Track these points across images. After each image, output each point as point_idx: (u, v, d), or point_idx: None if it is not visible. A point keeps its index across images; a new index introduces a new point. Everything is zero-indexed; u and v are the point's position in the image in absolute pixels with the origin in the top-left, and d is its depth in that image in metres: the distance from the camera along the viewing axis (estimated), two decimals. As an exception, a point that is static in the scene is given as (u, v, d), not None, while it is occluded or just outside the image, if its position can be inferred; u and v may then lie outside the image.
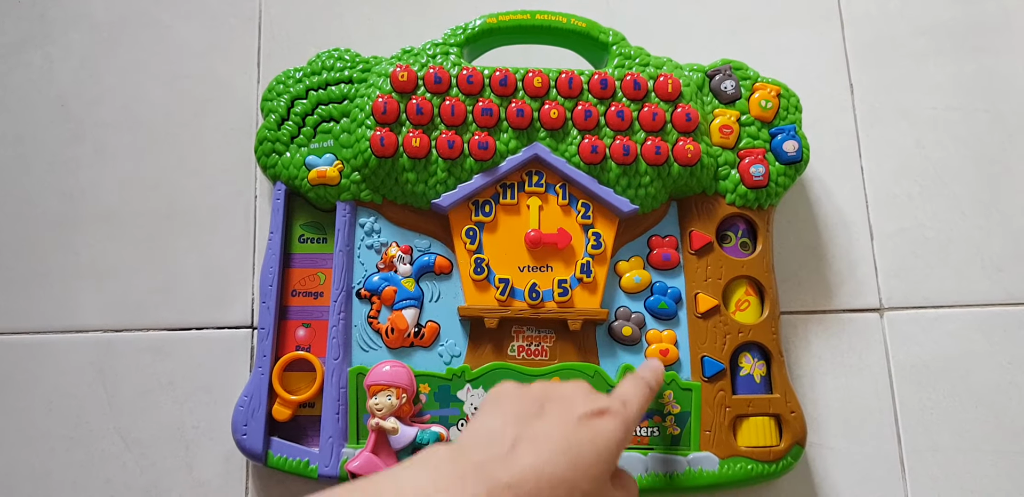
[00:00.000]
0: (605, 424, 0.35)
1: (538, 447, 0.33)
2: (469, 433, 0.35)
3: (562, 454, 0.33)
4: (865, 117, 0.56)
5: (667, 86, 0.49)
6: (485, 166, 0.48)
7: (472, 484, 0.31)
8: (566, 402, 0.36)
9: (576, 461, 0.33)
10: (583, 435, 0.34)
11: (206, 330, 0.50)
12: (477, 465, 0.32)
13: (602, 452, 0.34)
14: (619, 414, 0.36)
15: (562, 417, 0.35)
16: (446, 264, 0.48)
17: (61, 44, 0.56)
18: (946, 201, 0.55)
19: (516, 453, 0.32)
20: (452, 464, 0.32)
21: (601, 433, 0.34)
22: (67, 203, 0.53)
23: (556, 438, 0.33)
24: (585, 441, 0.34)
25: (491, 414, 0.36)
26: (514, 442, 0.33)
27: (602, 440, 0.34)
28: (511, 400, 0.36)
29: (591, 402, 0.36)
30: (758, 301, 0.49)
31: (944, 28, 0.59)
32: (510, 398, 0.36)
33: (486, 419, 0.35)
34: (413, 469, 0.32)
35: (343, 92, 0.50)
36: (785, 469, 0.45)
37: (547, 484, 0.32)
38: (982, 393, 0.51)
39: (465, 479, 0.31)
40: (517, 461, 0.32)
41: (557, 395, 0.36)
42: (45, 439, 0.48)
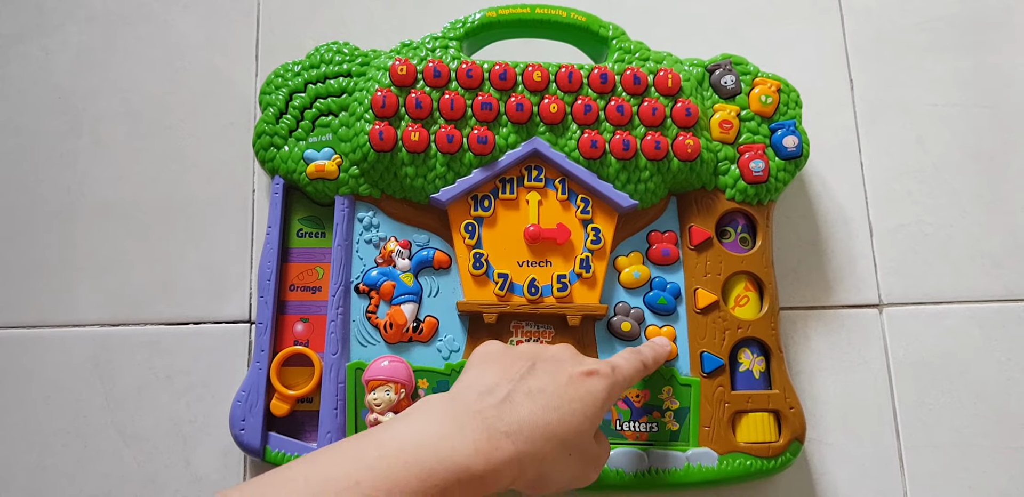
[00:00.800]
0: (593, 383, 0.36)
1: (533, 400, 0.34)
2: (463, 385, 0.36)
3: (553, 410, 0.34)
4: (865, 113, 0.56)
5: (667, 81, 0.48)
6: (484, 161, 0.47)
7: (472, 431, 0.32)
8: (556, 362, 0.37)
9: (565, 416, 0.34)
10: (572, 393, 0.35)
11: (204, 324, 0.50)
12: (475, 413, 0.33)
13: (588, 410, 0.35)
14: (607, 376, 0.37)
15: (553, 375, 0.36)
16: (445, 259, 0.48)
17: (58, 36, 0.56)
18: (946, 197, 0.55)
19: (512, 404, 0.34)
20: (451, 413, 0.33)
21: (590, 392, 0.36)
22: (65, 196, 0.52)
23: (548, 394, 0.35)
24: (575, 398, 0.35)
25: (483, 369, 0.37)
26: (508, 394, 0.34)
27: (590, 398, 0.36)
28: (501, 358, 0.38)
29: (580, 363, 0.37)
30: (757, 297, 0.49)
31: (944, 23, 0.58)
32: (499, 356, 0.38)
33: (478, 373, 0.37)
34: (412, 418, 0.33)
35: (342, 86, 0.49)
36: (784, 465, 0.45)
37: (540, 436, 0.33)
38: (981, 389, 0.51)
39: (464, 427, 0.32)
40: (513, 412, 0.33)
41: (547, 355, 0.38)
42: (43, 433, 0.48)
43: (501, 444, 0.32)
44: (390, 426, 0.33)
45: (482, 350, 0.39)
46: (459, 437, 0.32)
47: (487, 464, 0.31)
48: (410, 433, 0.32)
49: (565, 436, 0.34)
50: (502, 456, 0.32)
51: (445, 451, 0.31)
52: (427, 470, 0.30)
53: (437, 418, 0.33)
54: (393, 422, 0.33)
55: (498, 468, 0.32)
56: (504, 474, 0.32)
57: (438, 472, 0.30)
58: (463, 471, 0.31)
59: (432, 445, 0.31)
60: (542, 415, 0.34)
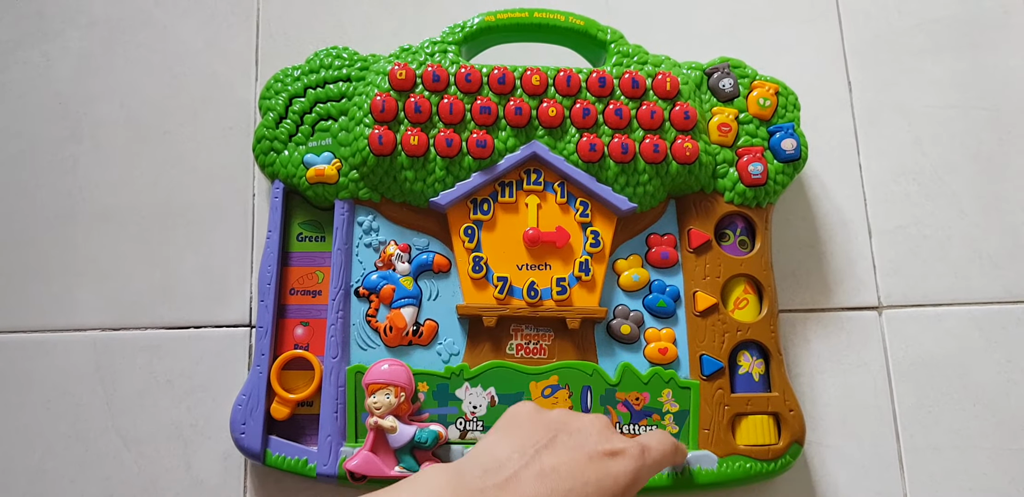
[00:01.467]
0: (616, 465, 0.33)
1: (542, 481, 0.32)
2: (473, 457, 0.34)
3: (566, 492, 0.32)
4: (863, 115, 0.56)
5: (665, 84, 0.48)
6: (483, 164, 0.48)
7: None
8: (580, 436, 0.34)
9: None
10: (590, 474, 0.33)
11: (204, 328, 0.50)
12: (476, 492, 0.31)
13: (606, 493, 0.32)
14: (635, 458, 0.34)
15: (572, 452, 0.33)
16: (444, 262, 0.48)
17: (59, 42, 0.56)
18: (944, 199, 0.55)
19: (517, 485, 0.31)
20: (451, 491, 0.31)
21: (610, 474, 0.33)
22: (65, 201, 0.53)
23: (562, 474, 0.32)
24: (591, 480, 0.32)
25: (500, 439, 0.35)
26: (516, 472, 0.32)
27: (610, 482, 0.33)
28: (524, 426, 0.35)
29: (606, 440, 0.35)
30: (757, 299, 0.49)
31: (942, 25, 0.58)
32: (523, 424, 0.35)
33: (494, 444, 0.34)
34: (414, 491, 0.32)
35: (341, 90, 0.49)
36: (784, 468, 0.45)
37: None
38: (980, 391, 0.51)
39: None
40: (518, 492, 0.31)
41: (573, 427, 0.35)
42: (43, 437, 0.48)
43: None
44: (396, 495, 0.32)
45: (511, 412, 0.37)
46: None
47: None
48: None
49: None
50: None
51: None
52: None
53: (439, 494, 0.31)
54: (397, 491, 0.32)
55: None
56: None
57: None
58: None
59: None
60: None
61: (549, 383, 0.46)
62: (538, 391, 0.46)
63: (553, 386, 0.46)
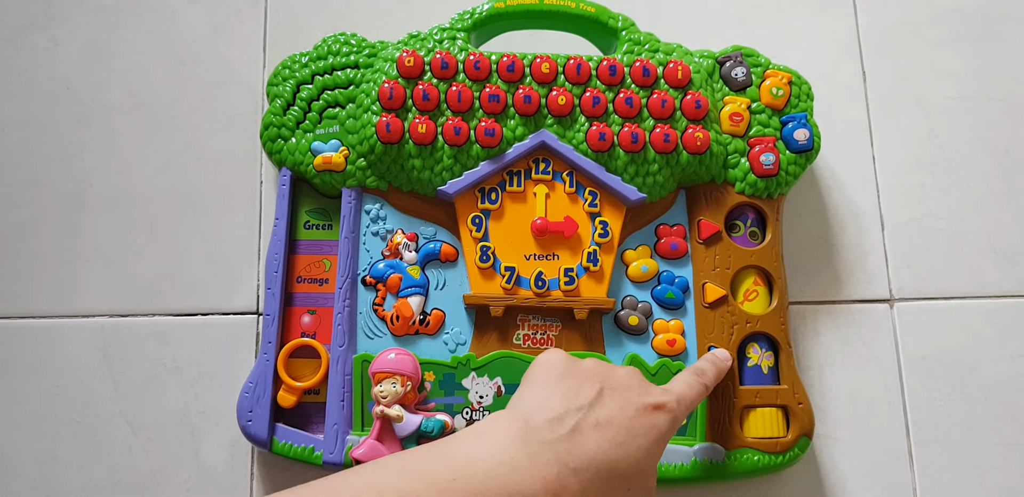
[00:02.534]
0: (659, 418, 0.36)
1: (600, 434, 0.34)
2: (531, 406, 0.35)
3: (620, 445, 0.34)
4: (878, 105, 0.56)
5: (677, 73, 0.48)
6: (492, 153, 0.47)
7: (543, 465, 0.32)
8: (624, 390, 0.36)
9: (630, 451, 0.34)
10: (638, 427, 0.35)
11: (211, 316, 0.50)
12: (546, 444, 0.33)
13: (653, 446, 0.35)
14: (672, 411, 0.37)
15: (621, 406, 0.35)
16: (452, 251, 0.48)
17: (66, 27, 0.55)
18: (959, 191, 0.54)
19: (580, 437, 0.33)
20: (523, 440, 0.33)
21: (655, 426, 0.35)
22: (72, 187, 0.53)
23: (616, 426, 0.34)
24: (640, 433, 0.35)
25: (549, 389, 0.36)
26: (578, 424, 0.34)
27: (654, 432, 0.35)
28: (567, 375, 0.37)
29: (647, 393, 0.37)
30: (766, 291, 0.48)
31: (959, 15, 0.57)
32: (565, 374, 0.37)
33: (546, 394, 0.36)
34: (484, 439, 0.33)
35: (349, 77, 0.49)
36: (792, 460, 0.45)
37: (606, 472, 0.33)
38: (992, 385, 0.50)
39: (536, 459, 0.32)
40: (581, 446, 0.33)
41: (614, 381, 0.37)
42: (51, 423, 0.48)
43: (568, 482, 0.32)
44: (462, 444, 0.33)
45: (546, 362, 0.38)
46: (529, 471, 0.32)
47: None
48: (482, 459, 0.32)
49: (628, 471, 0.34)
50: (567, 494, 0.32)
51: (514, 484, 0.31)
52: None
53: (510, 444, 0.33)
54: (465, 439, 0.33)
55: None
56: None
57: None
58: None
59: (503, 476, 0.31)
60: (609, 450, 0.34)
61: (556, 373, 0.46)
62: (545, 381, 0.46)
63: (560, 376, 0.46)
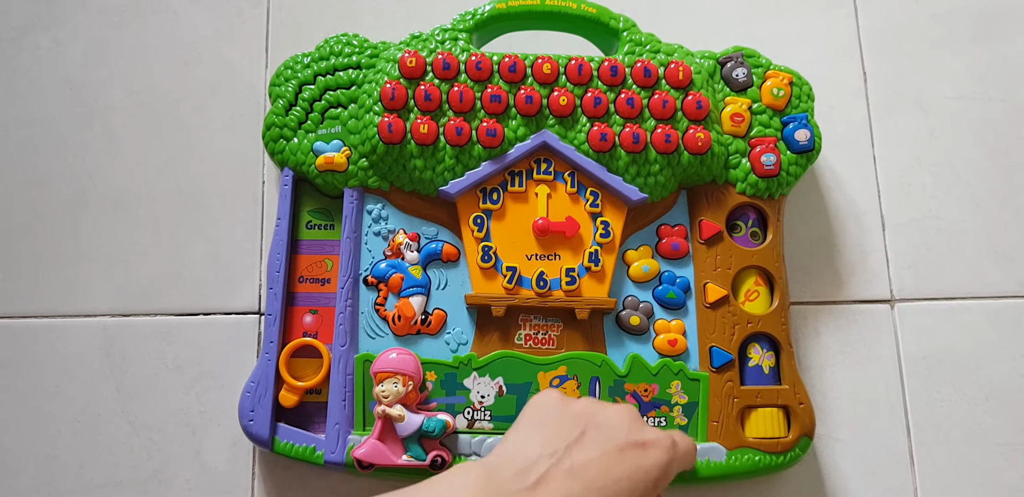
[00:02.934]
0: (647, 458, 0.34)
1: (573, 479, 0.32)
2: (503, 455, 0.34)
3: (597, 490, 0.32)
4: (878, 106, 0.56)
5: (678, 73, 0.48)
6: (493, 153, 0.47)
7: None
8: (609, 429, 0.34)
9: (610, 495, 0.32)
10: (621, 469, 0.33)
11: (213, 315, 0.50)
12: (506, 495, 0.31)
13: (637, 488, 0.33)
14: (666, 449, 0.34)
15: (603, 446, 0.33)
16: (453, 252, 0.48)
17: (69, 27, 0.56)
18: (960, 192, 0.54)
19: (549, 486, 0.31)
20: (482, 493, 0.31)
21: (641, 468, 0.33)
22: (75, 187, 0.53)
23: (592, 471, 0.32)
24: (623, 476, 0.33)
25: (529, 436, 0.34)
26: (547, 472, 0.32)
27: (640, 475, 0.33)
28: (551, 419, 0.35)
29: (636, 431, 0.35)
30: (768, 291, 0.48)
31: (960, 15, 0.58)
32: (551, 417, 0.35)
33: (523, 441, 0.34)
34: (445, 490, 0.32)
35: (351, 78, 0.49)
36: (793, 460, 0.45)
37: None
38: (993, 386, 0.50)
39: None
40: (549, 494, 0.31)
41: (601, 420, 0.35)
42: (53, 422, 0.49)
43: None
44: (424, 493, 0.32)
45: (536, 402, 0.37)
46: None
47: None
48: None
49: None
50: None
51: None
52: None
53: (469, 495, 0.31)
54: (430, 488, 0.32)
55: None
56: None
57: None
58: None
59: None
60: (583, 495, 0.32)
61: (557, 373, 0.46)
62: (546, 381, 0.46)
63: (561, 376, 0.46)
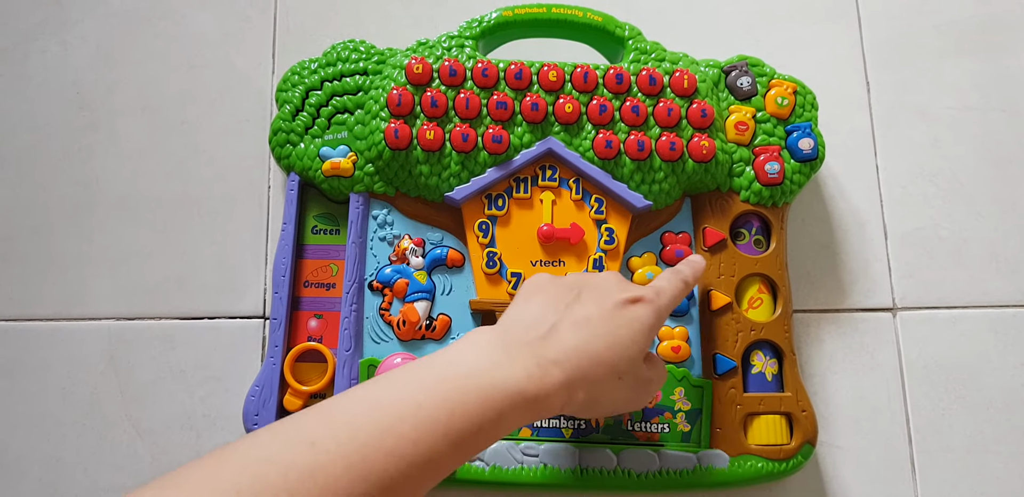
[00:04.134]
0: (639, 310, 0.37)
1: (579, 329, 0.35)
2: (509, 318, 0.37)
3: (601, 336, 0.35)
4: (881, 115, 0.56)
5: (683, 82, 0.48)
6: (499, 160, 0.48)
7: (522, 359, 0.33)
8: (602, 290, 0.37)
9: (614, 342, 0.35)
10: (619, 319, 0.36)
11: (218, 319, 0.51)
12: (524, 344, 0.34)
13: (636, 335, 0.36)
14: (652, 302, 0.37)
15: (599, 303, 0.37)
16: (458, 257, 0.48)
17: (77, 31, 0.56)
18: (962, 201, 0.54)
19: (559, 334, 0.35)
20: (500, 344, 0.34)
21: (637, 318, 0.36)
22: (81, 191, 0.53)
23: (595, 321, 0.36)
24: (622, 324, 0.36)
25: (529, 302, 0.37)
26: (555, 324, 0.35)
27: (637, 324, 0.36)
28: (547, 289, 0.38)
29: (625, 290, 0.38)
30: (771, 299, 0.48)
31: (963, 26, 0.58)
32: (546, 288, 0.38)
33: (525, 306, 0.37)
34: (463, 348, 0.34)
35: (358, 84, 0.49)
36: (795, 468, 0.45)
37: (588, 362, 0.34)
38: (994, 395, 0.50)
39: (514, 356, 0.33)
40: (561, 341, 0.35)
41: (592, 283, 0.38)
42: (57, 425, 0.49)
43: (551, 370, 0.33)
44: (442, 355, 0.34)
45: (529, 282, 0.39)
46: (510, 365, 0.33)
47: (539, 388, 0.33)
48: (464, 361, 0.33)
49: (613, 361, 0.35)
50: (552, 381, 0.33)
51: (499, 377, 0.32)
52: (484, 394, 0.32)
53: (489, 348, 0.34)
54: (445, 351, 0.34)
55: (549, 392, 0.33)
56: (556, 397, 0.33)
57: (494, 396, 0.32)
58: (517, 395, 0.32)
59: (487, 372, 0.32)
60: (589, 341, 0.35)
61: (561, 379, 0.46)
62: (550, 387, 0.46)
63: (565, 382, 0.46)
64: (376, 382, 0.33)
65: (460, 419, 0.31)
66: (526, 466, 0.44)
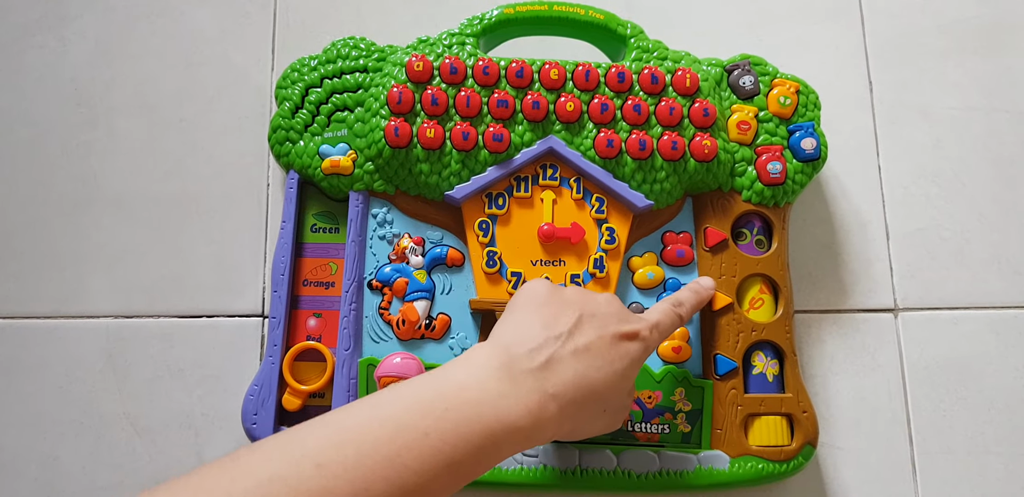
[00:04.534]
0: (633, 347, 0.38)
1: (578, 360, 0.36)
2: (510, 332, 0.37)
3: (596, 369, 0.36)
4: (884, 115, 0.56)
5: (685, 80, 0.48)
6: (499, 158, 0.47)
7: (526, 392, 0.34)
8: (602, 318, 0.38)
9: (607, 376, 0.36)
10: (614, 353, 0.37)
11: (217, 318, 0.50)
12: (526, 373, 0.35)
13: (628, 371, 0.37)
14: (646, 339, 0.38)
15: (599, 331, 0.37)
16: (458, 256, 0.48)
17: (76, 27, 0.56)
18: (964, 202, 0.54)
19: (558, 366, 0.35)
20: (505, 371, 0.34)
21: (629, 353, 0.37)
22: (79, 188, 0.53)
23: (593, 352, 0.36)
24: (616, 359, 0.37)
25: (529, 316, 0.37)
26: (555, 353, 0.36)
27: (628, 360, 0.37)
28: (547, 303, 0.38)
29: (624, 321, 0.38)
30: (772, 299, 0.48)
31: (966, 26, 0.58)
32: (546, 301, 0.38)
33: (525, 321, 0.37)
34: (470, 371, 0.34)
35: (358, 81, 0.49)
36: (796, 469, 0.45)
37: (583, 396, 0.35)
38: (995, 396, 0.50)
39: (519, 386, 0.34)
40: (559, 374, 0.35)
41: (592, 308, 0.38)
42: (55, 424, 0.48)
43: (548, 407, 0.34)
44: (450, 375, 0.34)
45: (528, 290, 0.39)
46: (515, 397, 0.33)
47: (535, 423, 0.34)
48: (472, 388, 0.33)
49: (604, 394, 0.36)
50: (548, 416, 0.34)
51: (503, 410, 0.33)
52: (487, 427, 0.32)
53: (495, 373, 0.34)
54: (453, 372, 0.34)
55: (543, 426, 0.34)
56: (547, 430, 0.34)
57: (495, 429, 0.32)
58: (515, 429, 0.33)
59: (491, 403, 0.33)
60: (586, 375, 0.35)
61: (561, 380, 0.46)
62: (550, 387, 0.46)
63: (565, 383, 0.46)
64: (383, 399, 0.33)
65: (462, 451, 0.31)
66: (525, 466, 0.44)
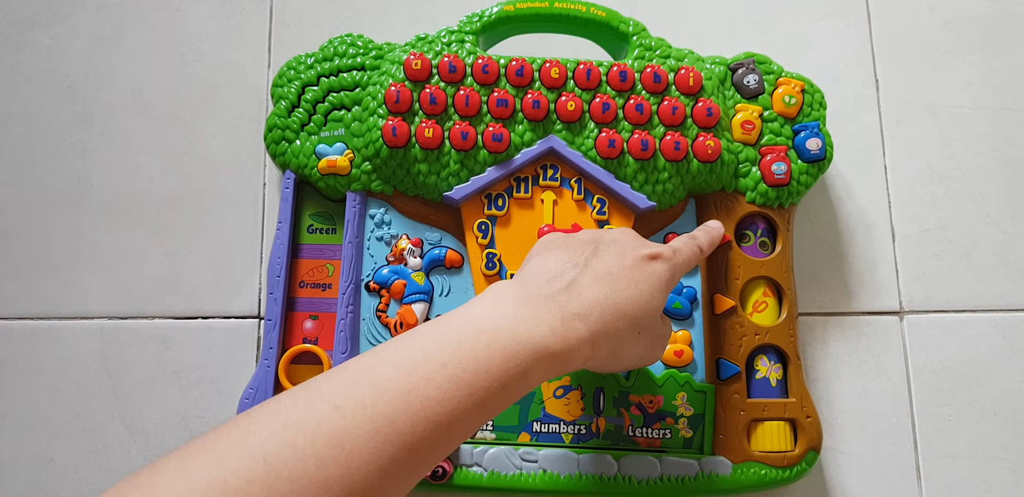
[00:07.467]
0: (658, 266, 0.37)
1: (600, 282, 0.35)
2: (527, 273, 0.36)
3: (621, 290, 0.35)
4: (890, 114, 0.55)
5: (688, 79, 0.47)
6: (499, 159, 0.47)
7: (546, 313, 0.33)
8: (619, 244, 0.37)
9: (635, 296, 0.35)
10: (639, 274, 0.36)
11: (212, 319, 0.50)
12: (546, 297, 0.34)
13: (655, 290, 0.36)
14: (669, 259, 0.38)
15: (619, 257, 0.36)
16: (457, 258, 0.47)
17: (69, 24, 0.55)
18: (971, 203, 0.53)
19: (580, 287, 0.34)
20: (522, 298, 0.33)
21: (655, 273, 0.36)
22: (73, 187, 0.52)
23: (615, 275, 0.35)
24: (641, 279, 0.36)
25: (547, 256, 0.37)
26: (575, 279, 0.35)
27: (655, 279, 0.36)
28: (563, 245, 0.37)
29: (643, 245, 0.38)
30: (776, 302, 0.47)
31: (973, 23, 0.57)
32: (560, 244, 0.38)
33: (542, 261, 0.37)
34: (485, 304, 0.33)
35: (355, 79, 0.48)
36: (799, 475, 0.45)
37: (610, 315, 0.34)
38: (1002, 400, 0.50)
39: (538, 310, 0.33)
40: (582, 294, 0.34)
41: (608, 238, 0.38)
42: (48, 426, 0.48)
43: (574, 325, 0.33)
44: (465, 311, 0.33)
45: (543, 240, 0.39)
46: (534, 319, 0.32)
47: (563, 343, 0.32)
48: (487, 317, 0.32)
49: (634, 315, 0.35)
50: (576, 335, 0.33)
51: (523, 333, 0.32)
52: (508, 351, 0.31)
53: (511, 303, 0.33)
54: (467, 307, 0.34)
55: (573, 347, 0.33)
56: (579, 352, 0.33)
57: (519, 352, 0.31)
58: (542, 350, 0.32)
59: (510, 327, 0.32)
60: (611, 295, 0.34)
61: (561, 383, 0.45)
62: (550, 391, 0.45)
63: (565, 386, 0.45)
64: (397, 342, 0.32)
65: (485, 378, 0.30)
66: (525, 472, 0.44)
